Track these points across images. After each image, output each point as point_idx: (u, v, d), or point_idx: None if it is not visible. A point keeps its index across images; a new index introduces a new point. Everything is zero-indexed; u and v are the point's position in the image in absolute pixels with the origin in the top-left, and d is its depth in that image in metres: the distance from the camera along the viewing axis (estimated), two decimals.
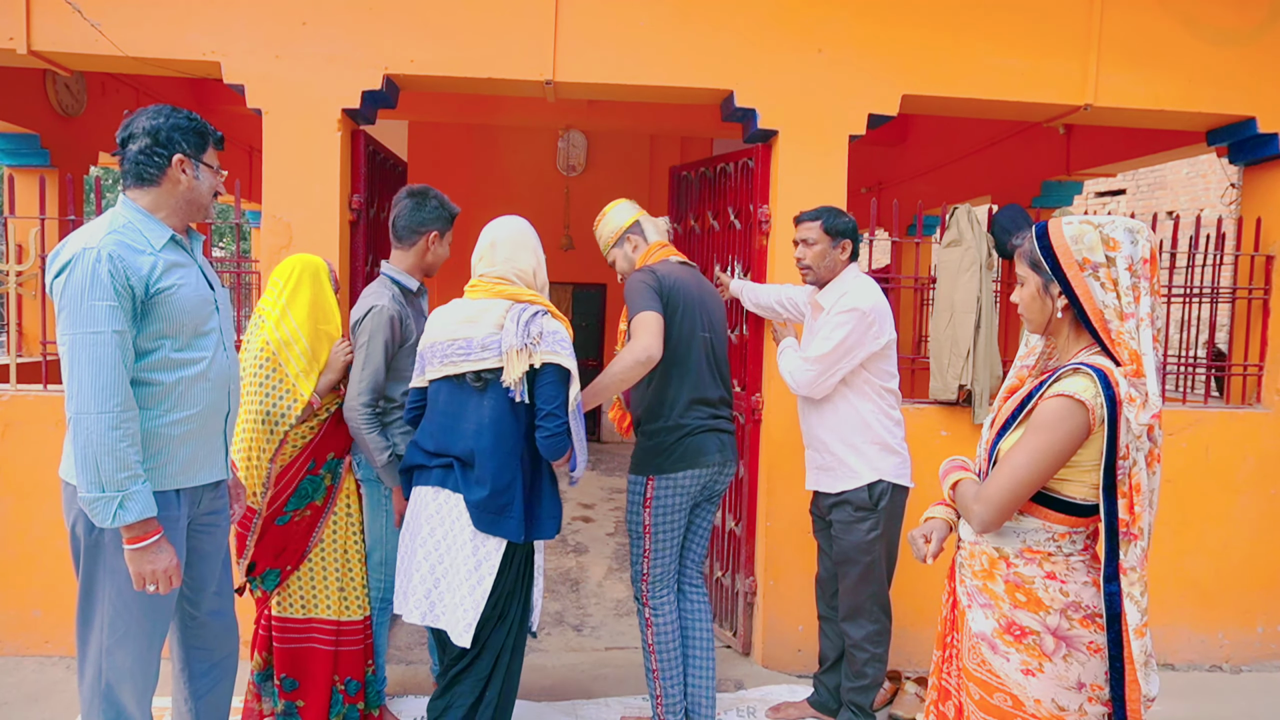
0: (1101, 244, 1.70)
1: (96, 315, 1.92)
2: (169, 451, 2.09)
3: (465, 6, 3.41)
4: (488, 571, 2.25)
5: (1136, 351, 1.68)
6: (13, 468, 3.43)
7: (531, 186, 8.50)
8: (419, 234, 2.84)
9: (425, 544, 2.32)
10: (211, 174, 2.18)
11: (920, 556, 1.91)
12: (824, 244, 2.94)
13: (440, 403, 2.36)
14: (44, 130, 4.92)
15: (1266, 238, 3.87)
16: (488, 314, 2.29)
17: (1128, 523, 1.68)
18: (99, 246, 1.95)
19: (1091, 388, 1.67)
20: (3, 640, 3.48)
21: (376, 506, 2.91)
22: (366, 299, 2.73)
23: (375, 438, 2.66)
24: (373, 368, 2.64)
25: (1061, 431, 1.69)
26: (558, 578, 4.72)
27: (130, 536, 1.97)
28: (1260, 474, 3.80)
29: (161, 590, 2.02)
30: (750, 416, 3.65)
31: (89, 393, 1.92)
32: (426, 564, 2.32)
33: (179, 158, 2.09)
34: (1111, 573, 1.69)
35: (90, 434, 1.91)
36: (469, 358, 2.28)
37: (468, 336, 2.29)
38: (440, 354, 2.34)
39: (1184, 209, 10.12)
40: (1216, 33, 3.66)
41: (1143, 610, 1.68)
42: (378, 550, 2.93)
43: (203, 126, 2.14)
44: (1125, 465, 1.67)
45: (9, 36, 3.25)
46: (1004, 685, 1.78)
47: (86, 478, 1.92)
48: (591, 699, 3.30)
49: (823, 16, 3.52)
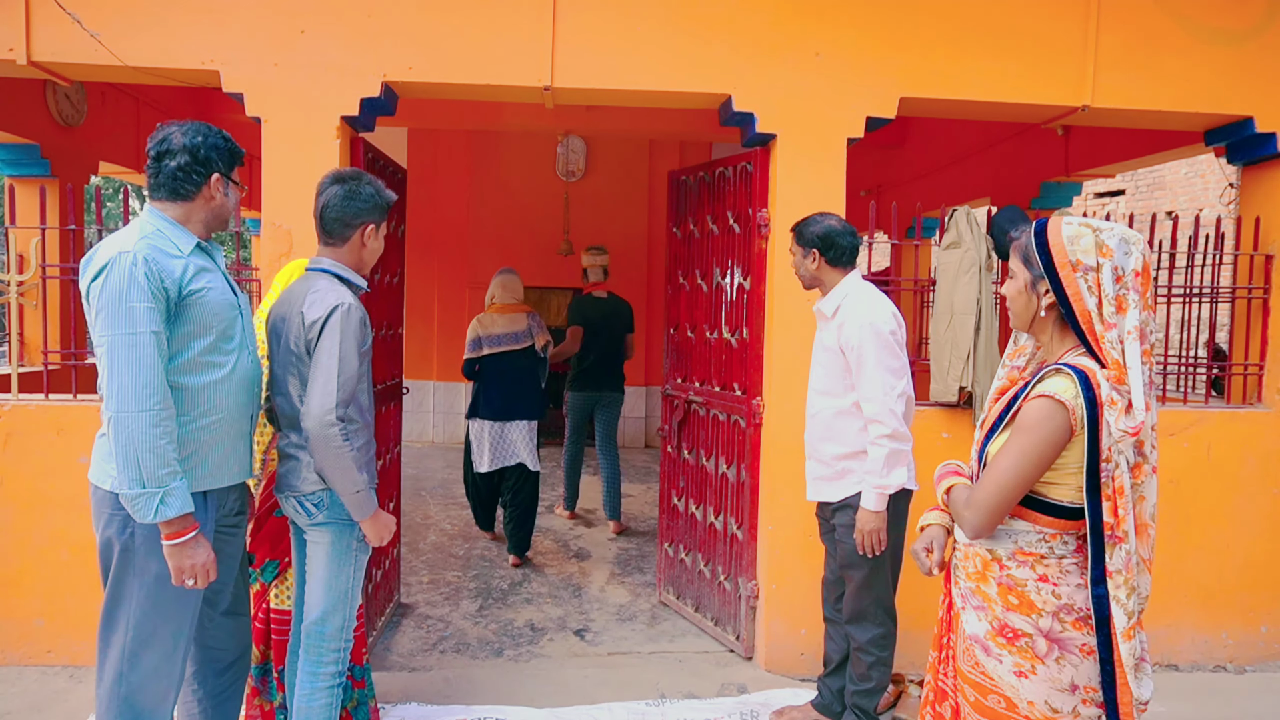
0: (1096, 248, 1.70)
1: (135, 316, 2.00)
2: (200, 455, 2.16)
3: (463, 13, 3.42)
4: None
5: (1119, 361, 1.67)
6: (15, 478, 3.43)
7: (531, 192, 8.51)
8: (353, 228, 2.42)
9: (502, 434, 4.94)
10: (237, 191, 2.29)
11: (926, 570, 1.92)
12: (798, 254, 2.98)
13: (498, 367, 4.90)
14: (44, 140, 4.94)
15: (1265, 237, 3.87)
16: (518, 319, 4.97)
17: (1112, 525, 1.67)
18: (135, 250, 2.03)
19: (1072, 388, 1.67)
20: (5, 650, 3.48)
21: (343, 557, 2.40)
22: (325, 296, 2.31)
23: (353, 456, 2.26)
24: (348, 373, 2.26)
25: (1044, 432, 1.69)
26: (560, 583, 4.71)
27: (170, 532, 2.05)
28: (1262, 473, 3.80)
29: (200, 584, 2.11)
30: (751, 420, 3.65)
31: (130, 392, 1.99)
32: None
33: (216, 177, 2.20)
34: (1099, 575, 1.69)
35: (132, 432, 1.99)
36: (518, 341, 4.92)
37: (514, 330, 4.94)
38: (497, 340, 4.90)
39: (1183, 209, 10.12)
40: (1214, 33, 3.66)
41: (1129, 613, 1.68)
42: (338, 613, 2.41)
43: (235, 146, 2.25)
44: (1108, 468, 1.67)
45: (9, 47, 3.26)
46: (997, 687, 1.78)
47: (129, 475, 2.00)
48: (595, 704, 3.30)
49: (820, 20, 3.53)
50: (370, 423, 2.45)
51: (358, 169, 2.59)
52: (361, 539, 2.43)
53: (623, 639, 3.98)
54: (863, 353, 2.77)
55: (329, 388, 2.23)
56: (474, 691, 3.38)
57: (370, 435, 2.44)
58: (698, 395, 4.07)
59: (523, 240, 8.48)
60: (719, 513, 3.92)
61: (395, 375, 4.09)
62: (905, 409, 2.81)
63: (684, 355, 4.27)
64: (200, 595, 2.22)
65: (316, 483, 2.34)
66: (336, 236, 2.42)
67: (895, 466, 2.75)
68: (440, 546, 5.30)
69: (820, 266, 2.94)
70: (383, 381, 3.78)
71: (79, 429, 3.39)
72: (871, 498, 2.76)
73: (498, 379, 4.93)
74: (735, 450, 3.79)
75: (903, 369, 2.82)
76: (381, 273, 3.80)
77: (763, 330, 3.63)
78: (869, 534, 2.78)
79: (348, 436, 2.25)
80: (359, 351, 2.30)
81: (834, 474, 2.93)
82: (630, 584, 4.71)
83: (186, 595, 2.16)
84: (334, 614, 2.40)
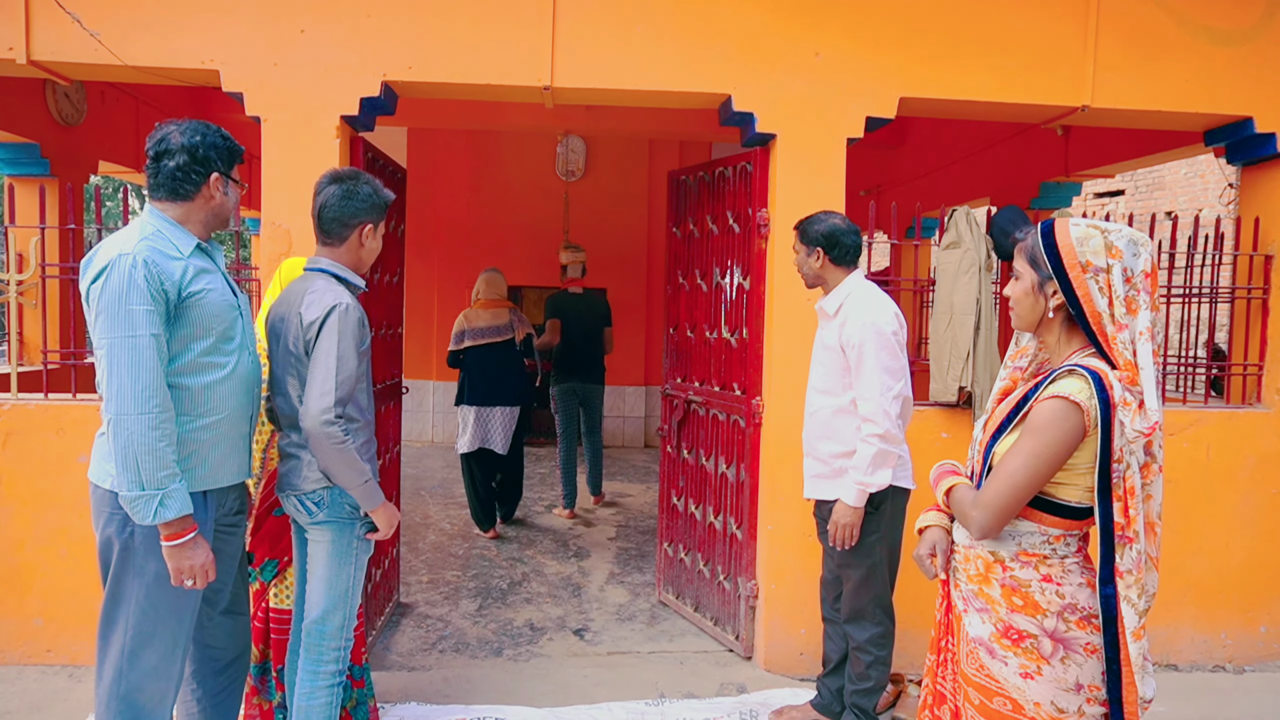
0: (1105, 250, 1.70)
1: (135, 319, 2.00)
2: (200, 455, 2.17)
3: (463, 13, 3.42)
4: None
5: (1132, 362, 1.68)
6: (14, 477, 3.43)
7: (531, 191, 8.51)
8: (350, 227, 2.41)
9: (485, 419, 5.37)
10: (237, 189, 2.28)
11: (931, 576, 1.92)
12: (802, 252, 2.98)
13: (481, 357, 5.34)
14: (44, 139, 4.94)
15: (1265, 237, 3.87)
16: (501, 314, 5.43)
17: (1123, 525, 1.68)
18: (134, 252, 2.03)
19: (1086, 389, 1.67)
20: (5, 649, 3.48)
21: (344, 555, 2.40)
22: (323, 296, 2.31)
23: (354, 452, 2.27)
24: (346, 372, 2.25)
25: (1058, 433, 1.68)
26: (559, 582, 4.72)
27: (169, 533, 2.05)
28: (1261, 473, 3.80)
29: (199, 585, 2.11)
30: (751, 420, 3.65)
31: (129, 394, 1.99)
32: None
33: (216, 176, 2.19)
34: (1107, 575, 1.69)
35: (131, 434, 1.99)
36: (500, 334, 5.37)
37: (496, 324, 5.39)
38: (480, 333, 5.35)
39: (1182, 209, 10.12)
40: (1213, 33, 3.66)
41: (1139, 613, 1.68)
42: (339, 611, 2.41)
43: (234, 145, 2.24)
44: (1120, 469, 1.67)
45: (8, 46, 3.26)
46: (1003, 689, 1.78)
47: (128, 477, 2.00)
48: (594, 704, 3.30)
49: (820, 20, 3.53)
50: (370, 422, 2.45)
51: (355, 168, 2.57)
52: (362, 538, 2.43)
53: (622, 639, 3.98)
54: (863, 351, 2.78)
55: (326, 387, 2.23)
56: (473, 691, 3.38)
57: (371, 434, 2.44)
58: (697, 395, 4.07)
59: (522, 240, 8.48)
60: (718, 512, 3.92)
61: (394, 375, 4.09)
62: (902, 410, 2.81)
63: (684, 355, 4.27)
64: (199, 595, 2.22)
65: (317, 481, 2.34)
66: (334, 236, 2.41)
67: (881, 467, 2.76)
68: (439, 546, 5.30)
69: (824, 265, 2.94)
70: (382, 381, 3.78)
71: (78, 428, 3.39)
72: (852, 493, 2.77)
73: (481, 369, 5.37)
74: (735, 450, 3.79)
75: (901, 370, 2.82)
76: (381, 272, 3.80)
77: (762, 330, 3.63)
78: (843, 527, 2.80)
79: (347, 432, 2.25)
80: (357, 351, 2.30)
81: (831, 472, 2.93)
82: (630, 584, 4.71)
83: (186, 595, 2.16)
84: (334, 613, 2.40)
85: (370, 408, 2.48)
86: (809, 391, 3.05)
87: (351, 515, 2.38)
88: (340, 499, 2.35)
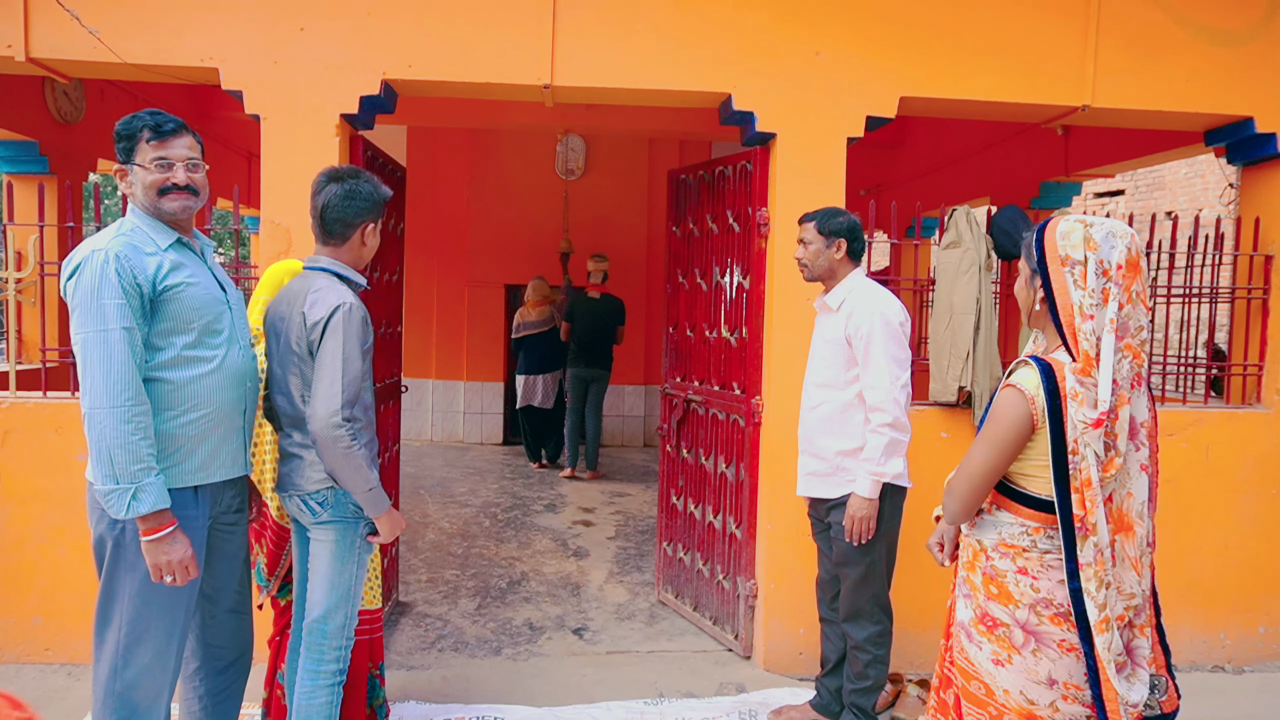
0: (1083, 243, 1.73)
1: (106, 313, 2.01)
2: (187, 449, 2.16)
3: (463, 12, 3.41)
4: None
5: (1089, 353, 1.69)
6: (12, 475, 3.42)
7: (530, 190, 8.50)
8: (353, 227, 2.39)
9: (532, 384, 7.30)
10: (147, 170, 2.14)
11: (941, 563, 1.99)
12: (819, 244, 2.97)
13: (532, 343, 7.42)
14: (43, 137, 4.93)
15: (1265, 237, 3.87)
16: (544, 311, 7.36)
17: (1081, 517, 1.69)
18: (107, 248, 2.06)
19: (1034, 379, 1.71)
20: (3, 648, 3.47)
21: (347, 555, 2.39)
22: (326, 295, 2.29)
23: (363, 456, 2.26)
24: (352, 374, 2.25)
25: (1007, 421, 1.74)
26: (558, 582, 4.71)
27: (145, 528, 2.05)
28: (1261, 474, 3.80)
29: (179, 581, 2.10)
30: (750, 419, 3.65)
31: (101, 388, 2.00)
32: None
33: (117, 168, 2.20)
34: (1073, 569, 1.71)
35: (104, 428, 2.00)
36: (544, 325, 7.44)
37: (541, 319, 7.45)
38: (531, 325, 7.40)
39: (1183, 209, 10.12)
40: (1214, 33, 3.66)
41: (1100, 606, 1.69)
42: (341, 611, 2.39)
43: (125, 128, 2.14)
44: (1075, 460, 1.69)
45: (7, 44, 3.25)
46: (978, 674, 1.82)
47: (101, 470, 2.01)
48: (593, 703, 3.29)
49: (820, 19, 3.52)
50: (372, 420, 2.45)
51: (354, 166, 2.55)
52: (364, 538, 2.42)
53: (621, 638, 3.98)
54: (871, 340, 2.79)
55: (334, 389, 2.21)
56: (472, 690, 3.38)
57: (373, 433, 2.43)
58: (697, 394, 4.07)
59: (522, 239, 8.48)
60: (718, 512, 3.92)
61: (394, 373, 4.09)
62: (905, 401, 2.82)
63: (683, 354, 4.27)
64: (194, 591, 2.20)
65: (320, 481, 2.33)
66: (337, 236, 2.39)
67: (893, 456, 2.77)
68: (438, 545, 5.30)
69: (844, 257, 2.96)
70: (381, 380, 3.78)
71: (76, 427, 3.38)
72: (866, 484, 2.77)
73: (532, 349, 7.46)
74: (734, 449, 3.79)
75: (907, 361, 2.85)
76: (381, 271, 3.79)
77: (762, 329, 3.62)
78: (859, 520, 2.79)
79: (355, 436, 2.24)
80: (362, 350, 2.28)
81: (830, 469, 2.93)
82: (629, 583, 4.71)
83: (178, 592, 2.15)
84: (336, 612, 2.39)
85: (371, 405, 2.47)
86: (807, 386, 3.05)
87: (355, 515, 2.37)
88: (344, 499, 2.35)
